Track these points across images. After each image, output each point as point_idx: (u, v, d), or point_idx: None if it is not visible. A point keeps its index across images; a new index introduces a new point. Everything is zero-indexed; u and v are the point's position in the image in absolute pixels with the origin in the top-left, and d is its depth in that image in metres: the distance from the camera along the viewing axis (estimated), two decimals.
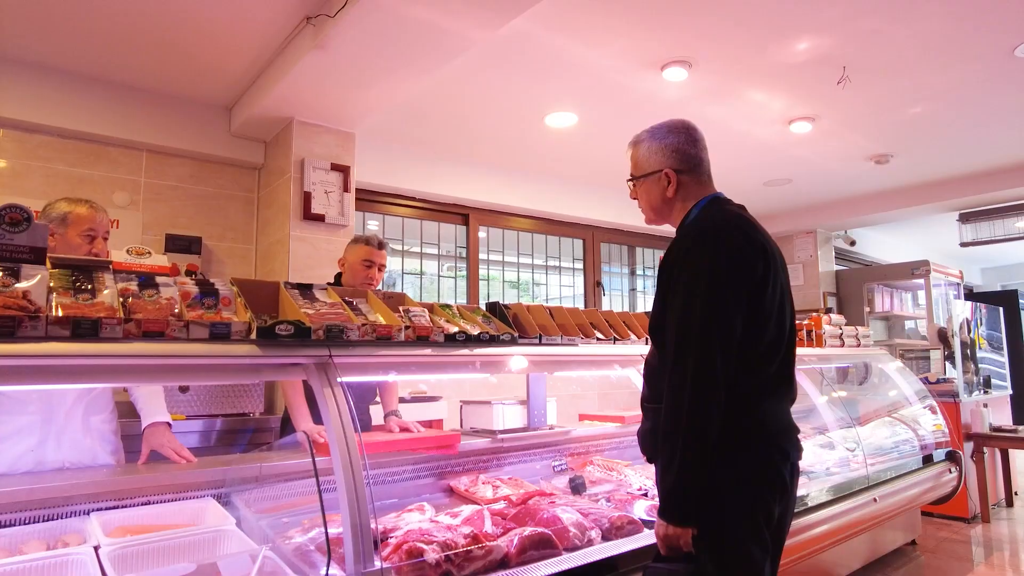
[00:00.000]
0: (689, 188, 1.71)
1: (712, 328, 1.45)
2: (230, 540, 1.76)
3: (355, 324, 1.80)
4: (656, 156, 1.71)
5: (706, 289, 1.47)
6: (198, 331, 1.60)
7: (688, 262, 1.53)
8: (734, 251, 1.51)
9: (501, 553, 1.86)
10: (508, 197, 5.13)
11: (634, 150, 1.77)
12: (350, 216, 3.73)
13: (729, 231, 1.55)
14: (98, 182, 3.48)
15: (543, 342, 2.34)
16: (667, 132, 1.73)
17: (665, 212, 1.74)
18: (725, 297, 1.47)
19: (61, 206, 2.11)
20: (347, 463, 1.60)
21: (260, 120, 3.68)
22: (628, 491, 2.66)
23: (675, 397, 1.45)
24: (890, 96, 3.96)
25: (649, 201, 1.74)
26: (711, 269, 1.49)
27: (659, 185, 1.71)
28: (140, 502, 1.93)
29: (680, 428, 1.43)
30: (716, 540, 1.46)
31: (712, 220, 1.61)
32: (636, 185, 1.77)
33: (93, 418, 2.18)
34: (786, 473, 1.56)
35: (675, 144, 1.70)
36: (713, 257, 1.50)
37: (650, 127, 1.77)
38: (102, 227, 2.15)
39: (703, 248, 1.52)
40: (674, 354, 1.48)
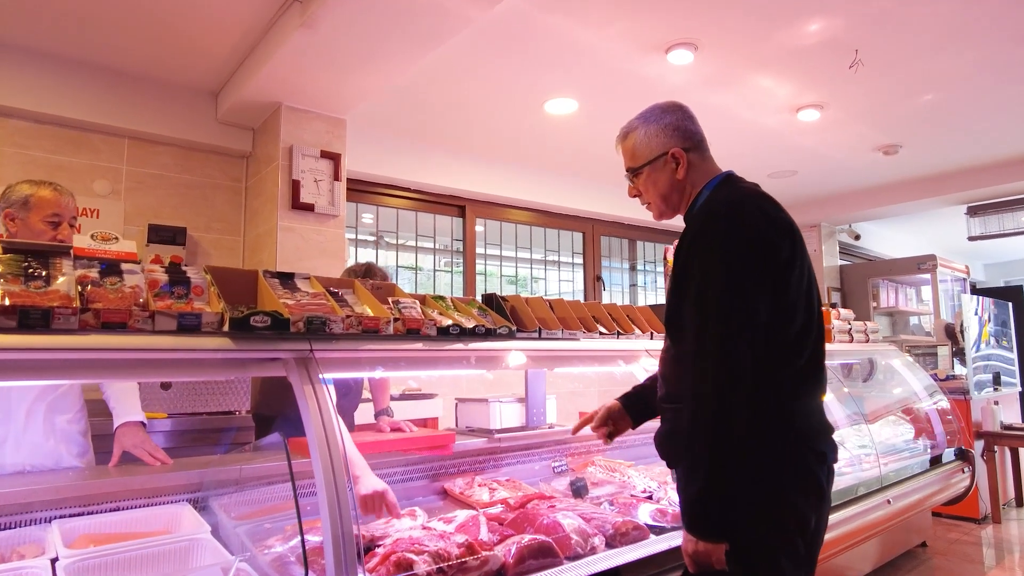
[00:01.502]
0: (698, 168, 1.56)
1: (734, 318, 1.31)
2: (203, 550, 1.62)
3: (339, 316, 1.66)
4: (657, 139, 1.55)
5: (726, 274, 1.33)
6: (165, 322, 1.45)
7: (704, 246, 1.39)
8: (755, 231, 1.38)
9: (498, 563, 1.73)
10: (506, 188, 4.99)
11: (628, 140, 1.62)
12: (341, 206, 3.59)
13: (749, 209, 1.42)
14: (77, 170, 3.33)
15: (543, 336, 2.20)
16: (661, 112, 1.59)
17: (676, 200, 1.58)
18: (747, 282, 1.33)
19: (22, 188, 1.96)
20: (328, 466, 1.46)
21: (247, 106, 3.53)
22: (632, 493, 2.53)
23: (698, 397, 1.31)
24: (901, 83, 3.82)
25: (658, 190, 1.58)
26: (730, 251, 1.35)
27: (666, 169, 1.55)
28: (108, 508, 1.79)
29: (706, 432, 1.29)
30: (745, 554, 1.32)
31: (728, 198, 1.47)
32: (638, 177, 1.60)
33: (58, 418, 2.04)
34: (822, 477, 1.42)
35: (674, 122, 1.56)
36: (732, 238, 1.36)
37: (639, 114, 1.62)
38: (68, 212, 2.00)
39: (720, 229, 1.38)
40: (694, 349, 1.34)
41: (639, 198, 1.65)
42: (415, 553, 1.62)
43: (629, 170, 1.62)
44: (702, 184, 1.55)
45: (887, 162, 5.27)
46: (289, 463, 1.43)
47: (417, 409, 3.62)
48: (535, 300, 2.37)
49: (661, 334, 2.71)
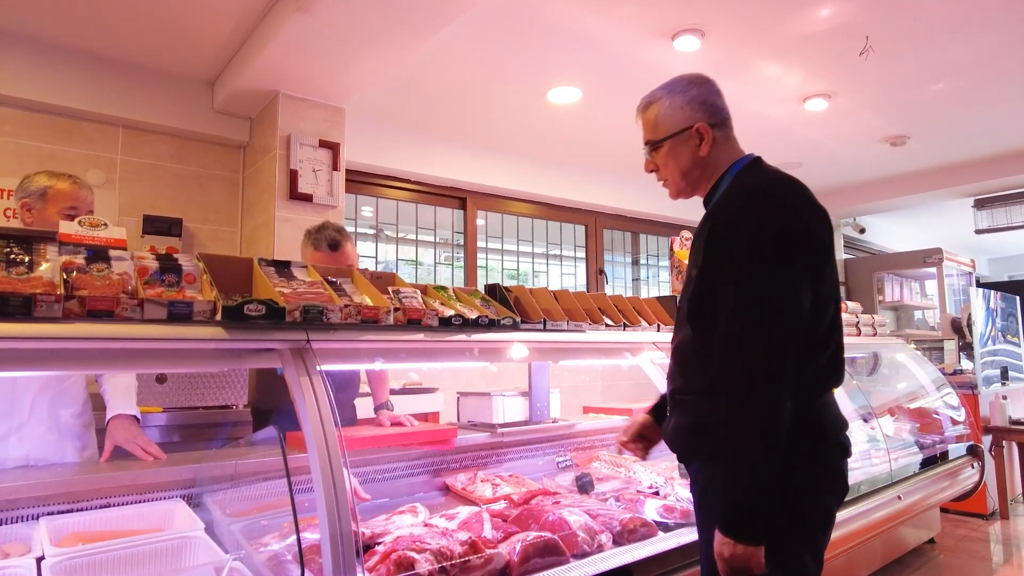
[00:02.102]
0: (722, 147, 1.48)
1: (779, 308, 1.23)
2: (197, 549, 1.56)
3: (337, 305, 1.60)
4: (682, 111, 1.46)
5: (770, 262, 1.25)
6: (154, 311, 1.39)
7: (745, 231, 1.29)
8: (797, 217, 1.30)
9: (502, 561, 1.67)
10: (507, 180, 4.91)
11: (649, 111, 1.53)
12: (340, 196, 3.51)
13: (790, 194, 1.34)
14: (70, 159, 3.26)
15: (547, 328, 2.13)
16: (688, 84, 1.49)
17: (697, 177, 1.50)
18: (791, 271, 1.26)
19: (40, 180, 1.95)
20: (325, 461, 1.39)
21: (244, 94, 3.46)
22: (638, 489, 2.47)
23: (739, 393, 1.23)
24: (912, 70, 3.75)
25: (678, 166, 1.49)
26: (775, 238, 1.27)
27: (689, 145, 1.47)
28: (99, 505, 1.73)
29: (749, 429, 1.22)
30: (773, 554, 1.26)
31: (767, 182, 1.38)
32: (657, 151, 1.52)
33: (62, 412, 2.00)
34: (845, 471, 1.38)
35: (701, 96, 1.47)
36: (776, 224, 1.28)
37: (663, 84, 1.53)
38: (85, 205, 1.97)
39: (762, 214, 1.29)
40: (734, 340, 1.26)
41: (656, 174, 1.57)
42: (416, 551, 1.56)
43: (648, 143, 1.53)
44: (726, 165, 1.47)
45: (894, 154, 5.20)
46: (284, 458, 1.36)
47: (417, 403, 3.56)
48: (539, 291, 2.30)
49: (668, 327, 2.65)
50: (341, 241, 2.40)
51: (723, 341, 1.28)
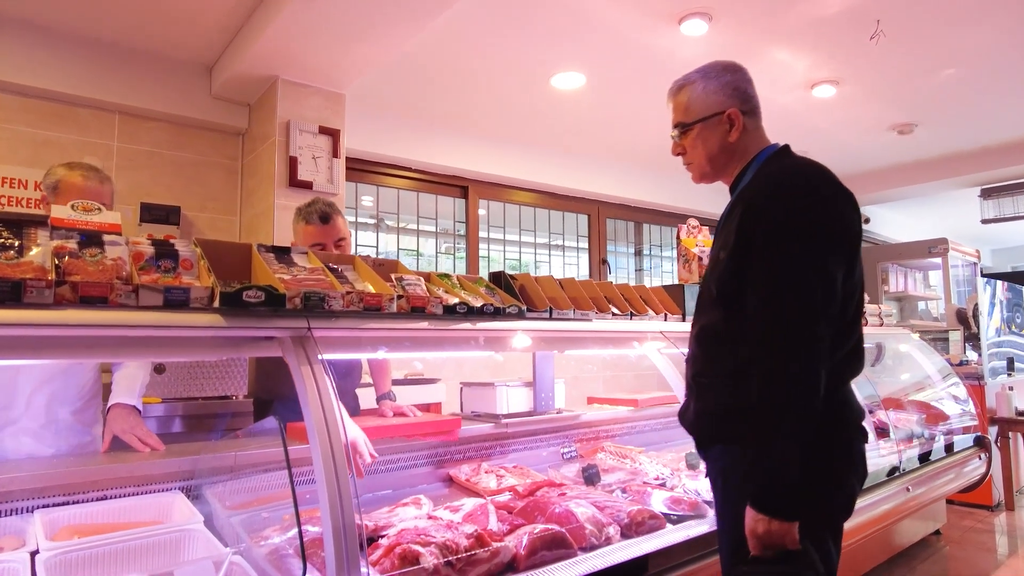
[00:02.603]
0: (751, 134, 1.50)
1: (815, 289, 1.25)
2: (195, 542, 1.52)
3: (339, 292, 1.55)
4: (715, 96, 1.49)
5: (808, 244, 1.27)
6: (150, 297, 1.34)
7: (781, 212, 1.30)
8: (833, 203, 1.33)
9: (509, 555, 1.63)
10: (509, 168, 4.85)
11: (682, 94, 1.55)
12: (340, 184, 3.46)
13: (825, 180, 1.36)
14: (65, 146, 3.20)
15: (553, 316, 2.09)
16: (722, 70, 1.52)
17: (723, 163, 1.52)
18: (828, 256, 1.28)
19: (57, 172, 1.92)
20: (328, 452, 1.35)
21: (242, 80, 3.39)
22: (644, 481, 2.43)
23: (775, 369, 1.24)
24: (922, 56, 3.68)
25: (707, 150, 1.51)
26: (812, 223, 1.28)
27: (719, 129, 1.49)
28: (95, 497, 1.69)
29: (785, 405, 1.22)
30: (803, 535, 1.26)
31: (802, 166, 1.39)
32: (687, 134, 1.53)
33: (60, 409, 1.95)
34: (865, 456, 1.41)
35: (735, 82, 1.50)
36: (813, 209, 1.30)
37: (697, 68, 1.55)
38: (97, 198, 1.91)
39: (800, 196, 1.31)
40: (770, 320, 1.26)
41: (682, 156, 1.58)
42: (421, 545, 1.52)
43: (678, 125, 1.54)
44: (754, 152, 1.49)
45: (901, 142, 5.13)
46: (285, 449, 1.32)
47: (419, 394, 3.52)
48: (545, 279, 2.25)
49: (675, 316, 2.61)
50: (331, 214, 2.34)
51: (758, 320, 1.29)
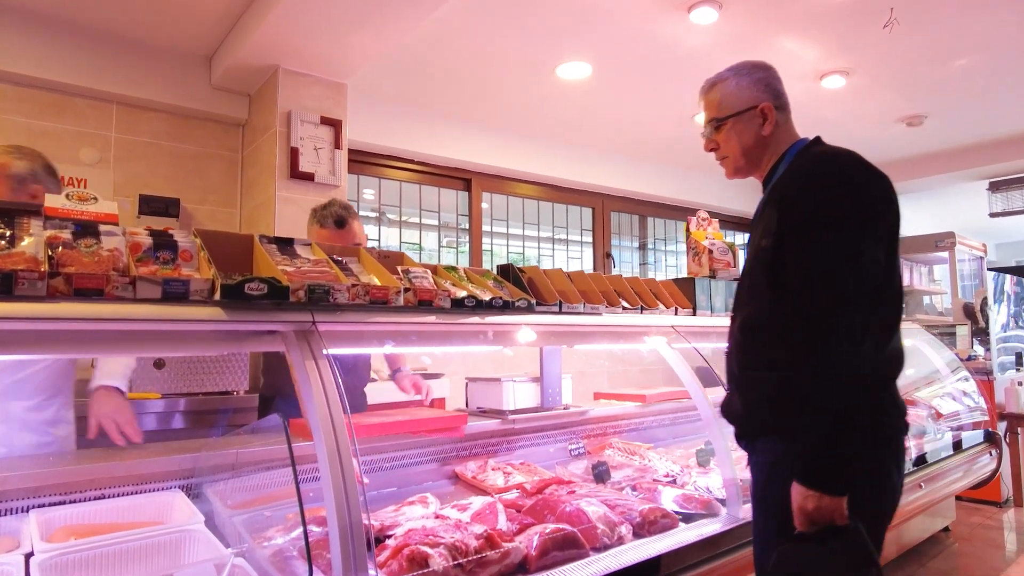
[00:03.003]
0: (782, 129, 1.55)
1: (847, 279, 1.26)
2: (196, 543, 1.47)
3: (344, 285, 1.49)
4: (749, 91, 1.54)
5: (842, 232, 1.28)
6: (147, 289, 1.28)
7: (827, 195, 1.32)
8: (879, 185, 1.35)
9: (520, 556, 1.58)
10: (513, 160, 4.78)
11: (714, 91, 1.60)
12: (342, 175, 3.40)
13: (866, 165, 1.37)
14: (62, 137, 3.14)
15: (563, 310, 2.03)
16: (754, 67, 1.58)
17: (757, 157, 1.56)
18: (861, 241, 1.29)
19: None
20: (333, 449, 1.30)
21: (242, 69, 3.33)
22: (654, 478, 2.39)
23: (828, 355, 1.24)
24: (935, 45, 3.61)
25: (741, 144, 1.55)
26: (846, 208, 1.30)
27: (753, 124, 1.53)
28: (92, 496, 1.64)
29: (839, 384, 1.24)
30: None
31: (843, 152, 1.40)
32: (720, 129, 1.58)
33: (15, 404, 1.84)
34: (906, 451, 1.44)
35: (766, 78, 1.55)
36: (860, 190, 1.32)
37: (728, 67, 1.60)
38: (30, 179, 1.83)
39: (846, 180, 1.33)
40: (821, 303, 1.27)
41: (715, 152, 1.62)
42: (430, 546, 1.47)
43: (712, 120, 1.59)
44: (787, 145, 1.53)
45: (910, 134, 5.06)
46: (289, 446, 1.27)
47: None
48: (554, 272, 2.20)
49: (686, 309, 2.55)
50: (347, 218, 2.29)
51: (797, 309, 1.29)
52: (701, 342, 2.40)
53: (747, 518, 1.99)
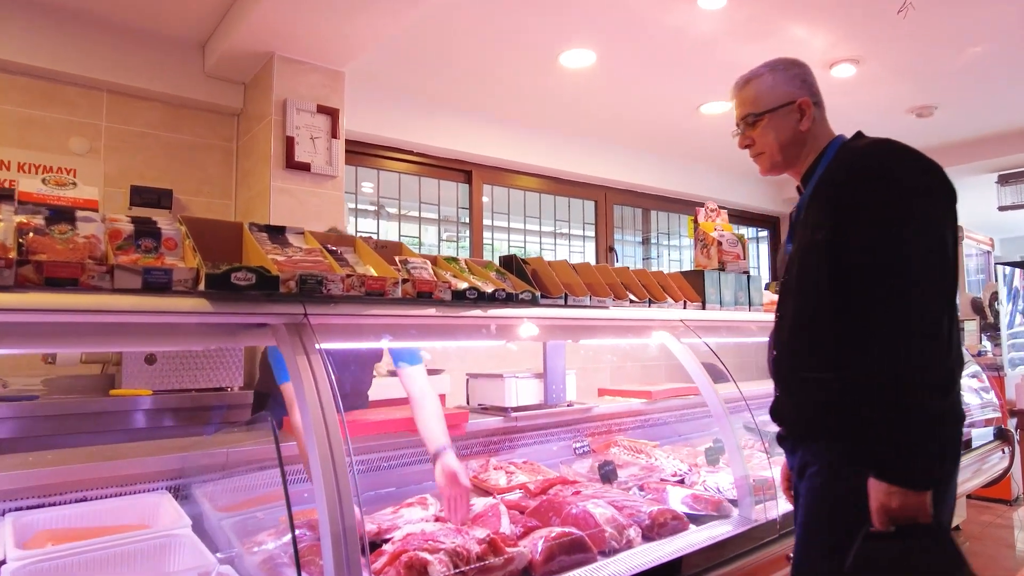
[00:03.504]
0: (820, 126, 1.51)
1: (946, 267, 1.21)
2: (182, 549, 1.39)
3: (338, 275, 1.40)
4: (785, 86, 1.50)
5: (925, 213, 1.24)
6: (126, 279, 1.20)
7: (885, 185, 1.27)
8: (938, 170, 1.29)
9: (524, 561, 1.50)
10: (514, 152, 4.68)
11: (749, 87, 1.56)
12: (339, 166, 3.30)
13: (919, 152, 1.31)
14: (51, 125, 3.04)
15: (569, 303, 1.95)
16: (789, 64, 1.54)
17: (795, 153, 1.51)
18: (952, 230, 1.25)
19: None
20: (326, 449, 1.21)
21: (237, 57, 3.23)
22: (662, 477, 2.31)
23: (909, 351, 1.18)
24: (949, 32, 3.51)
25: (778, 139, 1.50)
26: (924, 189, 1.26)
27: (790, 119, 1.49)
28: (74, 499, 1.56)
29: (922, 377, 1.18)
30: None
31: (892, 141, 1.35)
32: (756, 125, 1.54)
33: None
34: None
35: (803, 75, 1.52)
36: (924, 174, 1.27)
37: (762, 64, 1.57)
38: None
39: (909, 164, 1.29)
40: (896, 293, 1.21)
41: (749, 149, 1.58)
42: (429, 552, 1.39)
43: (748, 116, 1.54)
44: (824, 143, 1.49)
45: (919, 126, 4.96)
46: (277, 446, 1.18)
47: None
48: (559, 264, 2.11)
49: (695, 303, 2.47)
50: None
51: (889, 297, 1.22)
52: (711, 336, 2.32)
53: (760, 519, 1.91)
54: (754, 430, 2.52)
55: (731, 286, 2.57)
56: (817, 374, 1.36)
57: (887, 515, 1.19)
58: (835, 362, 1.32)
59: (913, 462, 1.18)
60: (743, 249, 2.72)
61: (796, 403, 1.44)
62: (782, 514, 1.96)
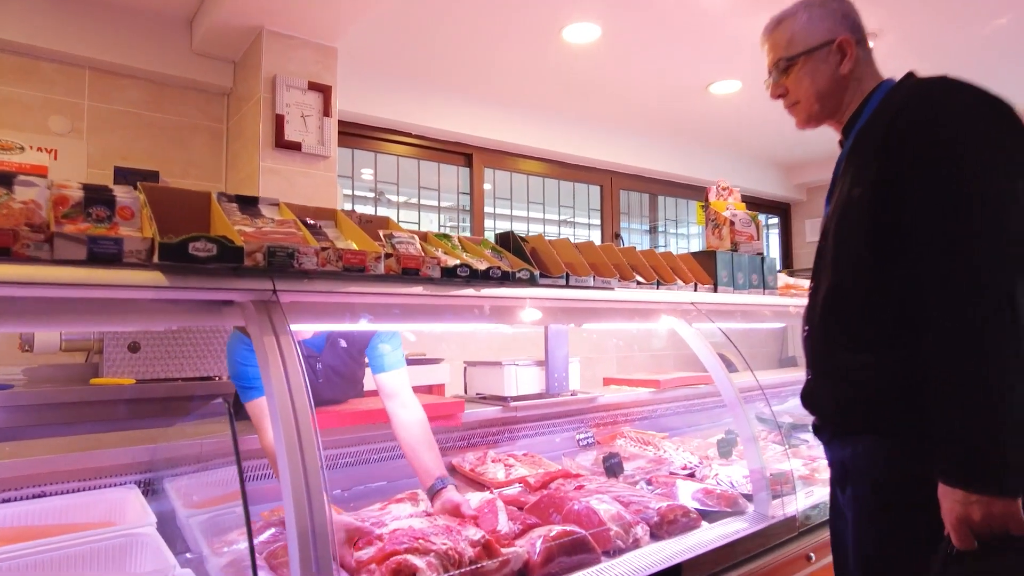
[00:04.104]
0: (864, 68, 1.31)
1: (1010, 225, 1.00)
2: (141, 550, 1.26)
3: (311, 247, 1.26)
4: (822, 24, 1.31)
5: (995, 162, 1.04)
6: (68, 249, 1.06)
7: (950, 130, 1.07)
8: (1010, 114, 1.09)
9: (520, 563, 1.36)
10: (517, 134, 4.52)
11: (781, 29, 1.38)
12: (332, 145, 3.16)
13: (987, 92, 1.10)
14: (29, 104, 2.91)
15: (571, 284, 1.80)
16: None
17: (835, 101, 1.32)
18: (1016, 180, 1.03)
19: None
20: (294, 442, 1.08)
21: (225, 32, 3.09)
22: (671, 470, 2.17)
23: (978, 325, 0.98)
24: (973, 3, 3.33)
25: (815, 86, 1.31)
26: (995, 135, 1.06)
27: (830, 61, 1.30)
28: (32, 494, 1.43)
29: (1000, 357, 0.97)
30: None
31: (952, 79, 1.15)
32: (789, 70, 1.35)
33: None
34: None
35: (843, 9, 1.32)
36: (991, 119, 1.07)
37: (796, 1, 1.37)
38: None
39: (972, 108, 1.09)
40: (956, 261, 1.02)
41: (783, 99, 1.40)
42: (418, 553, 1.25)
43: (780, 61, 1.36)
44: (871, 85, 1.29)
45: None
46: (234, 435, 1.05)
47: (421, 375, 3.25)
48: (560, 242, 1.97)
49: (707, 285, 2.32)
50: None
51: (941, 259, 1.03)
52: (724, 321, 2.17)
53: (777, 516, 1.78)
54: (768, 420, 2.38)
55: (744, 268, 2.42)
56: (857, 354, 1.17)
57: (967, 529, 0.98)
58: (879, 340, 1.14)
59: (995, 462, 0.96)
60: (757, 229, 2.57)
61: (832, 388, 1.25)
62: (802, 510, 1.82)
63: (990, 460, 0.96)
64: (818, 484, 2.07)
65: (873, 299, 1.15)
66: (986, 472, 0.96)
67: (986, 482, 0.96)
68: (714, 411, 2.98)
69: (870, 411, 1.16)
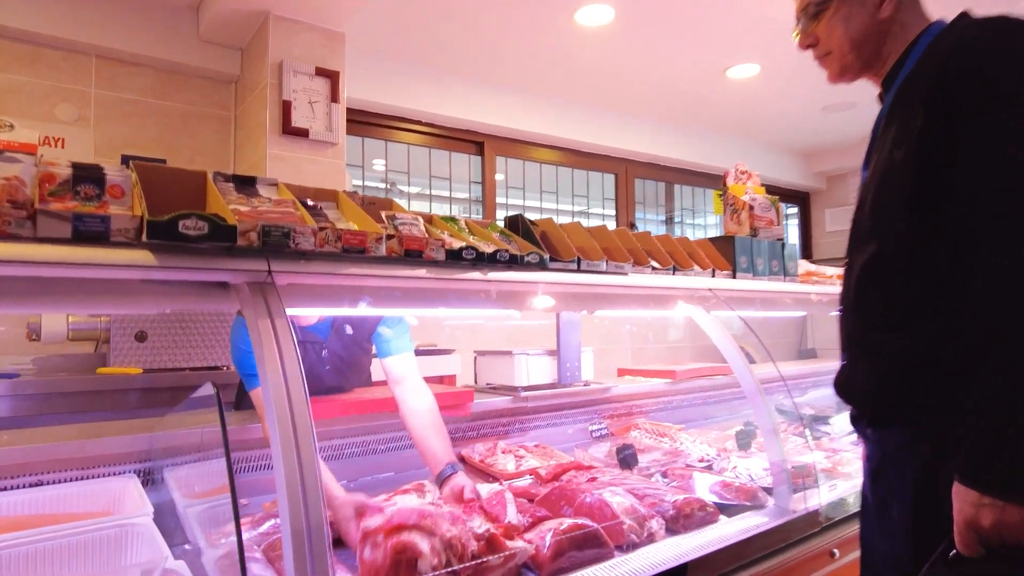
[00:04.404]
0: (908, 10, 1.15)
1: None
2: (136, 541, 1.22)
3: (309, 227, 1.21)
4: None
5: None
6: (52, 226, 1.01)
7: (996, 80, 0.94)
8: None
9: (527, 556, 1.30)
10: (529, 122, 4.44)
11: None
12: (340, 132, 3.11)
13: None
14: (35, 91, 2.89)
15: (582, 268, 1.73)
16: None
17: (873, 50, 1.17)
18: None
19: None
20: (289, 432, 1.02)
21: (231, 18, 3.04)
22: (687, 463, 2.10)
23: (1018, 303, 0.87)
24: None
25: (849, 33, 1.17)
26: None
27: (866, 5, 1.15)
28: (28, 483, 1.40)
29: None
30: None
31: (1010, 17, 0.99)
32: (820, 17, 1.21)
33: None
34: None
35: None
36: None
37: None
38: None
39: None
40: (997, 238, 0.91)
41: (813, 49, 1.25)
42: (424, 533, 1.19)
43: (810, 5, 1.21)
44: (915, 33, 1.13)
45: None
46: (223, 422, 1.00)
47: (433, 366, 3.20)
48: (571, 226, 1.89)
49: (725, 271, 2.23)
50: None
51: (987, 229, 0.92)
52: (743, 309, 2.09)
53: (799, 510, 1.70)
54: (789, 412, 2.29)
55: (764, 253, 2.33)
56: (893, 331, 1.07)
57: (974, 535, 0.89)
58: (919, 311, 1.04)
59: (1011, 462, 0.86)
60: (777, 214, 2.47)
61: (867, 366, 1.14)
62: (825, 504, 1.75)
63: (1015, 460, 0.86)
64: (842, 478, 1.99)
65: (916, 261, 1.04)
66: (1003, 473, 0.87)
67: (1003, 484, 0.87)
68: (732, 403, 2.89)
69: (905, 384, 1.06)
